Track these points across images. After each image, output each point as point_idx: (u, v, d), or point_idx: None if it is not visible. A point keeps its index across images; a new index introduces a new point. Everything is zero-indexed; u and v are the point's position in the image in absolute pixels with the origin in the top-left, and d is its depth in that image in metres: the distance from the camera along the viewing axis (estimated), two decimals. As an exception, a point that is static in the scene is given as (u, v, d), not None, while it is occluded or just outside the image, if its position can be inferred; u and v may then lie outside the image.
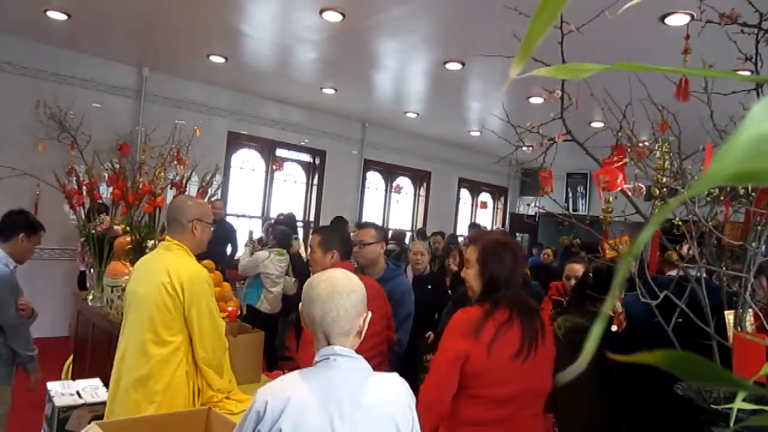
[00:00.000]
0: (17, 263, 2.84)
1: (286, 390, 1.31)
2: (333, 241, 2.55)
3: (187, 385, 2.16)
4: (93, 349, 3.46)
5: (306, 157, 8.21)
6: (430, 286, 4.10)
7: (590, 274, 2.73)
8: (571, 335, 2.45)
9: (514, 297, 1.88)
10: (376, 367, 1.48)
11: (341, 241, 2.59)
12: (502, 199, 11.51)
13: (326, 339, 1.37)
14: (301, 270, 5.34)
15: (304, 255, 5.97)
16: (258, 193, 7.75)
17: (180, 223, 2.29)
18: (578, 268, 3.27)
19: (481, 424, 1.81)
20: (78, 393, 2.72)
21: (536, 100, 5.67)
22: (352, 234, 3.14)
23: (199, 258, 3.04)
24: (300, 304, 1.44)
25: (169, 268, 2.16)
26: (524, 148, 2.34)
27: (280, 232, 5.41)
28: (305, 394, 1.30)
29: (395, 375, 1.45)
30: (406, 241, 7.23)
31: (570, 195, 10.40)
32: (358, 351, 1.41)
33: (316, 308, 1.36)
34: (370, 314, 1.43)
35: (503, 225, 11.28)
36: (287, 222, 6.24)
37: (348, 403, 1.30)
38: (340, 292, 1.37)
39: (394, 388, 1.40)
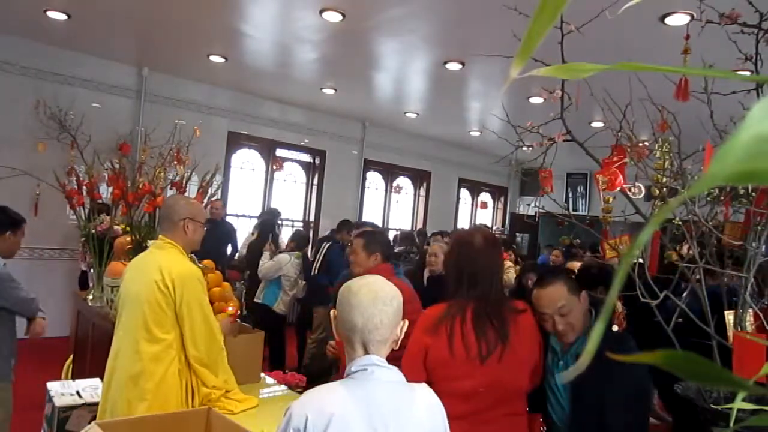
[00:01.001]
0: (6, 258, 2.85)
1: (328, 404, 1.24)
2: (376, 244, 2.70)
3: (180, 383, 2.16)
4: (93, 349, 3.46)
5: (306, 157, 8.21)
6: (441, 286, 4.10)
7: (575, 272, 2.75)
8: None
9: (481, 294, 1.88)
10: None
11: (383, 244, 2.74)
12: (502, 199, 11.51)
13: (364, 348, 1.32)
14: (307, 271, 5.37)
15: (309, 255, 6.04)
16: (258, 193, 7.75)
17: (172, 221, 2.29)
18: (577, 266, 3.29)
19: (452, 418, 1.82)
20: (78, 393, 2.72)
21: (536, 100, 5.67)
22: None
23: (199, 258, 3.05)
24: (332, 310, 1.40)
25: (161, 266, 2.15)
26: (524, 148, 2.35)
27: (299, 235, 5.53)
28: (348, 408, 1.24)
29: (425, 386, 1.41)
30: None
31: (570, 195, 10.40)
32: (391, 356, 1.38)
33: (357, 315, 1.31)
34: (407, 323, 1.39)
35: (503, 225, 11.28)
36: (270, 218, 6.28)
37: (391, 418, 1.26)
38: (383, 299, 1.33)
39: (429, 400, 1.37)
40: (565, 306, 1.89)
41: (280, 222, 7.10)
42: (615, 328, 2.14)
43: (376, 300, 1.32)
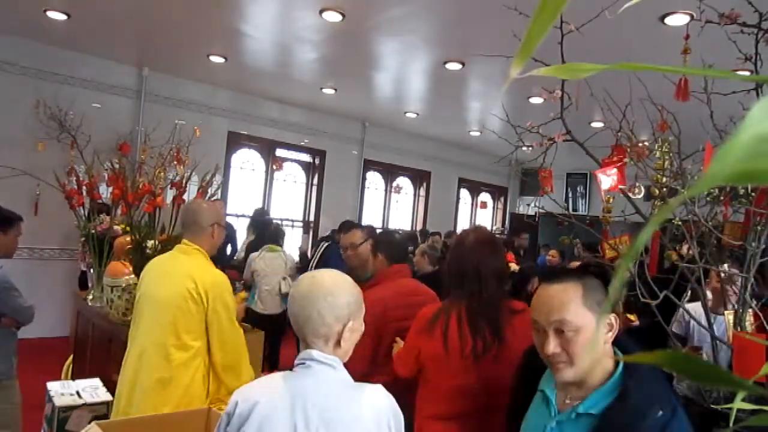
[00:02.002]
0: (6, 257, 2.84)
1: (256, 393, 1.28)
2: (381, 245, 2.71)
3: (204, 389, 2.19)
4: (93, 349, 3.46)
5: (306, 157, 8.21)
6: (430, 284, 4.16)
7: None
8: None
9: (475, 293, 1.88)
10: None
11: (388, 245, 2.71)
12: (502, 199, 11.51)
13: (305, 341, 1.34)
14: (303, 270, 5.33)
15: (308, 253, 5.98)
16: (258, 193, 7.75)
17: (200, 226, 2.29)
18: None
19: (445, 418, 1.84)
20: (78, 393, 2.71)
21: (536, 100, 5.67)
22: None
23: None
24: None
25: (193, 274, 2.17)
26: (524, 148, 2.35)
27: (270, 228, 5.42)
28: (274, 399, 1.26)
29: (379, 387, 1.36)
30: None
31: (570, 195, 10.40)
32: None
33: (294, 306, 1.33)
34: (352, 323, 1.34)
35: (503, 225, 11.28)
36: (263, 218, 6.26)
37: (316, 415, 1.24)
38: (317, 294, 1.31)
39: (372, 402, 1.31)
40: (566, 321, 1.22)
41: (279, 222, 7.08)
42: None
43: (309, 294, 1.32)
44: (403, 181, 9.69)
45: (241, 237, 6.59)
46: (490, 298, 1.90)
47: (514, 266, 5.63)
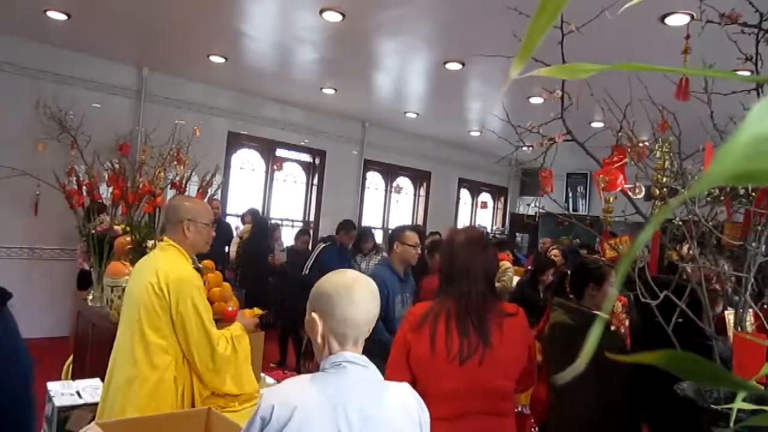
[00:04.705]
0: None
1: (294, 397, 1.25)
2: (437, 247, 2.99)
3: (176, 390, 2.10)
4: (93, 349, 3.45)
5: (306, 157, 8.21)
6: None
7: (566, 272, 2.74)
8: (553, 332, 2.44)
9: (462, 293, 1.87)
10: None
11: (440, 246, 2.99)
12: (502, 199, 11.50)
13: (350, 342, 1.32)
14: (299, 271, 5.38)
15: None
16: (258, 193, 7.75)
17: (172, 223, 2.25)
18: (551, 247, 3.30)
19: (436, 420, 1.82)
20: (78, 393, 2.71)
21: (536, 100, 5.67)
22: (408, 235, 3.26)
23: (200, 258, 3.02)
24: (314, 312, 1.36)
25: (158, 269, 2.11)
26: (524, 148, 2.34)
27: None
28: (313, 402, 1.24)
29: (406, 386, 1.40)
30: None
31: (570, 195, 10.40)
32: None
33: (358, 311, 1.31)
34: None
35: (503, 225, 11.28)
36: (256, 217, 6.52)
37: (356, 415, 1.25)
38: (374, 292, 1.36)
39: (404, 401, 1.34)
40: None
41: (280, 221, 7.11)
42: (613, 327, 2.14)
43: (372, 294, 1.35)
44: (403, 181, 9.69)
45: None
46: (479, 298, 1.89)
47: (507, 264, 5.63)
